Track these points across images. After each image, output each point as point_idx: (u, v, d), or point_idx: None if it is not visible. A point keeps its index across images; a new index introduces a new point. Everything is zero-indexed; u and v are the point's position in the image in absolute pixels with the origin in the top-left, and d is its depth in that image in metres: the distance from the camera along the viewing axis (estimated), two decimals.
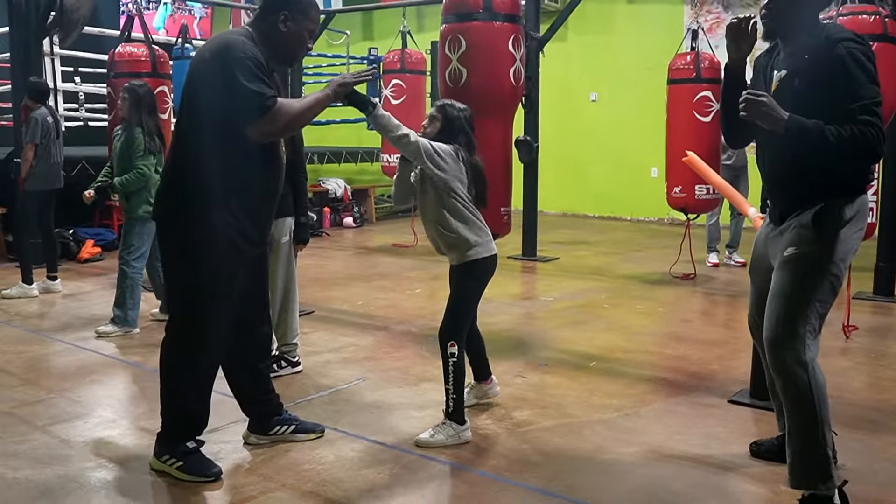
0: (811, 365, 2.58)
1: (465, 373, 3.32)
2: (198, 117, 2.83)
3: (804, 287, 2.60)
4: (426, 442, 3.25)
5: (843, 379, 4.16)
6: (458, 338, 3.27)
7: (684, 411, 3.70)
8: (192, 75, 2.87)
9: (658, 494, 2.86)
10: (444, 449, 3.22)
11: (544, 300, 6.25)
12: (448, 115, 3.28)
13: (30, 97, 6.15)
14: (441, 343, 3.28)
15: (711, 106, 6.45)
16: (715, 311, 6.03)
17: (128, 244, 5.07)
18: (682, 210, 6.73)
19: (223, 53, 2.77)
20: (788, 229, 2.68)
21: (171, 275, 3.00)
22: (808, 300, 2.59)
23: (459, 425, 3.29)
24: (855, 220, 2.62)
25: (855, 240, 2.65)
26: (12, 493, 2.83)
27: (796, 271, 2.62)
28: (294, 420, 3.33)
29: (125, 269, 5.05)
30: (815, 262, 2.60)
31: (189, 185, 2.85)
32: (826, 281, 2.60)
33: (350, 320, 5.48)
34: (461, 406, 3.31)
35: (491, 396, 3.71)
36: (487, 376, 3.70)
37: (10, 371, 4.27)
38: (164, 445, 2.98)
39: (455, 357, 3.25)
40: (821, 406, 2.57)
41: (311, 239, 9.45)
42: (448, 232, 3.26)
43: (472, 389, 3.67)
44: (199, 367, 2.97)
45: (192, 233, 2.86)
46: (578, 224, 11.21)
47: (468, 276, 3.32)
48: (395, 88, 8.65)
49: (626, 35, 11.40)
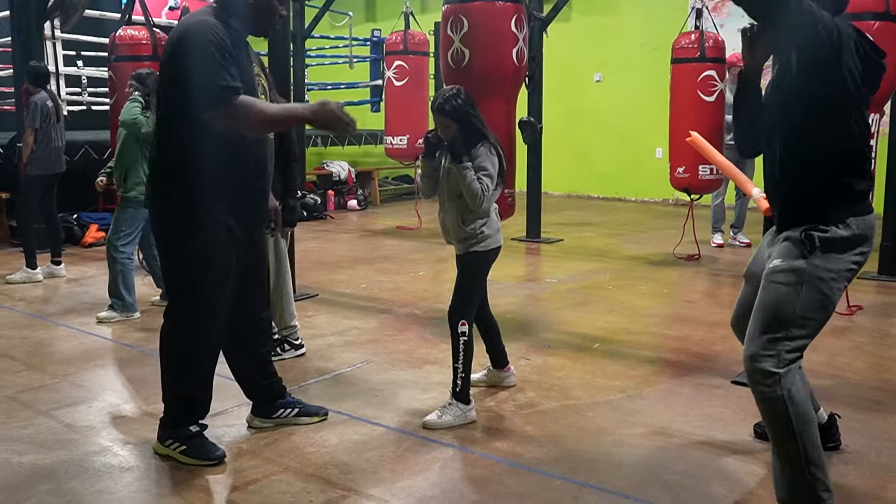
0: (785, 380, 2.40)
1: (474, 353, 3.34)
2: (177, 103, 2.78)
3: (784, 303, 2.43)
4: (434, 423, 3.26)
5: (846, 359, 4.15)
6: (468, 317, 3.30)
7: (687, 392, 3.70)
8: (164, 62, 2.83)
9: (661, 475, 2.86)
10: (447, 431, 3.23)
11: (548, 282, 6.24)
12: (453, 113, 3.24)
13: (30, 81, 6.13)
14: (451, 323, 3.30)
15: (715, 85, 6.42)
16: (719, 292, 6.01)
17: (117, 228, 5.01)
18: (685, 190, 6.70)
19: (185, 40, 2.73)
20: (780, 239, 2.54)
21: (167, 262, 3.00)
22: (791, 319, 2.42)
23: (465, 405, 3.31)
24: (851, 241, 2.45)
25: (850, 262, 2.47)
26: (17, 478, 2.84)
27: (779, 285, 2.45)
28: (297, 403, 3.34)
29: (114, 254, 4.98)
30: (798, 277, 2.43)
31: (176, 171, 2.83)
32: (811, 297, 2.42)
33: (354, 303, 5.48)
34: (468, 386, 3.33)
35: (507, 385, 3.72)
36: (505, 364, 3.71)
37: (15, 356, 4.28)
38: (167, 430, 2.99)
39: (465, 336, 3.29)
40: (801, 428, 2.39)
41: (315, 222, 9.52)
42: (466, 226, 3.30)
43: (488, 374, 3.70)
44: (198, 353, 2.97)
45: (184, 219, 2.85)
46: (583, 205, 11.17)
47: (473, 262, 3.36)
48: (397, 70, 8.60)
49: (630, 14, 11.30)
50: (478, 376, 3.68)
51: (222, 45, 2.70)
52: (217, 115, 2.70)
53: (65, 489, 2.76)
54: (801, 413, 2.41)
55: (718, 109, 6.47)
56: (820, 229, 2.43)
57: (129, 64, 6.25)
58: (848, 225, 2.44)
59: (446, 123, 3.26)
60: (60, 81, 8.57)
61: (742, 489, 2.77)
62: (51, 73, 7.58)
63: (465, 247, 3.34)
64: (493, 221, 3.36)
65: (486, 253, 3.35)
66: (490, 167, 3.25)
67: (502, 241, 3.43)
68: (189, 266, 2.90)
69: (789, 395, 2.40)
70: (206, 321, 2.95)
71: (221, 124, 2.72)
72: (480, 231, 3.31)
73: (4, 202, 7.80)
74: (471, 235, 3.32)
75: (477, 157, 3.24)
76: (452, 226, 3.35)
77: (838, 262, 2.45)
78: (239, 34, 2.84)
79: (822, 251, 2.43)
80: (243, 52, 2.86)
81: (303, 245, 7.33)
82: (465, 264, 3.37)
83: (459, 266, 3.39)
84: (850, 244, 2.46)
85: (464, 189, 3.21)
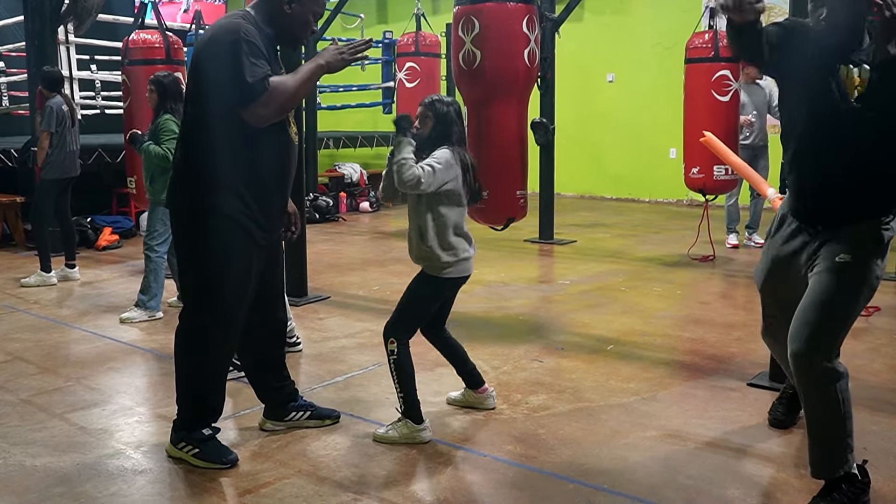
0: (839, 372, 2.50)
1: (412, 371, 3.17)
2: (202, 105, 2.80)
3: (848, 298, 2.50)
4: (380, 437, 3.16)
5: (863, 361, 4.11)
6: (399, 336, 3.14)
7: (702, 395, 3.67)
8: (193, 63, 2.85)
9: (675, 479, 2.83)
10: (459, 434, 3.21)
11: (561, 283, 6.21)
12: (439, 112, 3.18)
13: (44, 86, 6.16)
14: (384, 338, 3.17)
15: (730, 85, 6.37)
16: (734, 294, 5.97)
17: (151, 229, 5.14)
18: (699, 191, 6.66)
19: (218, 38, 2.75)
20: (837, 237, 2.55)
21: (185, 264, 2.99)
22: (850, 312, 2.51)
23: (416, 424, 3.16)
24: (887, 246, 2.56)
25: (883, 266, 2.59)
26: (31, 481, 2.85)
27: (843, 282, 2.49)
28: (310, 406, 3.33)
29: (149, 253, 5.11)
30: (863, 273, 2.50)
31: (199, 173, 2.83)
32: (867, 294, 2.52)
33: (366, 305, 5.47)
34: (414, 405, 3.17)
35: (487, 407, 3.49)
36: (479, 385, 3.49)
37: (29, 359, 4.30)
38: (180, 432, 2.99)
39: (395, 355, 3.12)
40: (844, 406, 2.51)
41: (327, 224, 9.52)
42: (423, 245, 3.14)
43: (464, 394, 3.53)
44: (213, 356, 2.97)
45: (205, 222, 2.84)
46: (596, 206, 11.13)
47: (427, 284, 3.20)
48: (409, 71, 8.60)
49: (643, 14, 11.25)
50: (455, 395, 3.55)
51: (252, 43, 2.72)
52: (253, 110, 2.72)
53: (78, 492, 2.76)
54: (846, 398, 2.52)
55: (733, 110, 6.42)
56: (887, 225, 2.52)
57: (142, 68, 6.30)
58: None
59: (426, 115, 3.18)
60: (74, 85, 8.63)
61: (758, 492, 2.74)
62: (65, 77, 7.62)
63: (428, 269, 3.17)
64: (460, 250, 3.14)
65: (441, 280, 3.15)
66: (438, 162, 3.03)
67: (469, 273, 3.20)
68: (208, 270, 2.89)
69: (839, 385, 2.50)
70: (223, 326, 2.94)
71: (258, 115, 2.74)
72: (439, 255, 3.10)
73: (19, 206, 7.85)
74: (429, 257, 3.13)
75: (433, 154, 3.09)
76: (414, 240, 3.17)
77: (883, 259, 2.56)
78: (270, 40, 2.85)
79: (881, 250, 2.53)
80: (274, 58, 2.86)
81: (315, 247, 7.33)
82: (418, 283, 3.19)
83: (413, 281, 3.21)
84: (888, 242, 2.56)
85: (393, 163, 3.01)
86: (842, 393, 2.50)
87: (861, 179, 2.53)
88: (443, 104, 3.20)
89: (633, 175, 11.50)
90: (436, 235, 3.12)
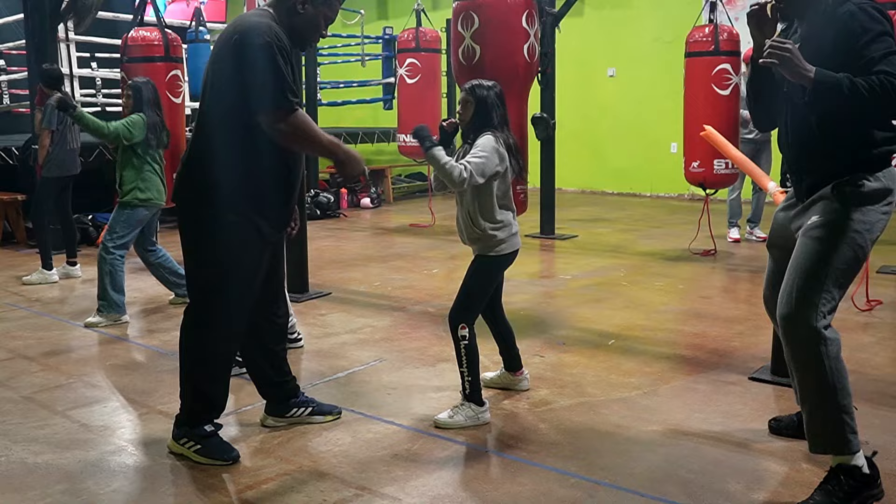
0: (824, 335, 2.50)
1: (479, 354, 3.30)
2: (220, 100, 2.78)
3: (822, 256, 2.53)
4: (445, 423, 3.24)
5: (865, 354, 4.10)
6: (468, 320, 3.25)
7: (704, 389, 3.67)
8: (216, 56, 2.82)
9: (677, 473, 2.83)
10: (461, 430, 3.22)
11: (562, 278, 6.21)
12: (479, 96, 3.24)
13: (44, 84, 6.15)
14: (451, 326, 3.26)
15: (730, 79, 6.36)
16: (736, 288, 5.96)
17: (111, 230, 4.96)
18: (700, 185, 6.65)
19: (249, 36, 2.70)
20: (813, 203, 2.63)
21: (192, 261, 2.96)
22: (826, 270, 2.52)
23: (479, 406, 3.28)
24: (879, 194, 2.54)
25: (881, 213, 2.57)
26: (33, 478, 2.85)
27: (817, 240, 2.55)
28: (311, 402, 3.33)
29: (103, 254, 4.91)
30: (835, 231, 2.53)
31: (210, 169, 2.81)
32: (846, 249, 2.52)
33: (367, 301, 5.47)
34: (478, 388, 3.29)
35: (520, 389, 3.64)
36: (518, 368, 3.64)
37: (31, 356, 4.31)
38: (182, 428, 2.99)
39: (466, 340, 3.23)
40: (833, 374, 2.50)
41: (328, 220, 9.52)
42: (475, 227, 3.26)
43: (500, 375, 3.66)
44: (218, 353, 2.97)
45: (215, 219, 2.83)
46: (597, 201, 11.12)
47: (485, 266, 3.32)
48: (409, 67, 8.58)
49: (643, 8, 11.23)
50: (491, 375, 3.65)
51: (285, 52, 2.70)
52: (274, 119, 2.69)
53: (80, 489, 2.77)
54: (836, 367, 2.50)
55: (733, 103, 6.41)
56: (851, 183, 2.53)
57: (141, 65, 6.28)
58: (877, 178, 2.53)
59: (467, 100, 3.26)
60: (75, 83, 8.61)
61: (759, 486, 2.74)
62: (65, 75, 7.61)
63: (479, 249, 3.31)
64: (508, 225, 3.29)
65: (497, 258, 3.29)
66: (483, 151, 3.14)
67: (519, 246, 3.35)
68: (216, 267, 2.87)
69: (826, 350, 2.50)
70: (229, 323, 2.94)
71: (275, 126, 2.71)
72: (492, 234, 3.26)
73: (20, 204, 7.85)
74: (481, 237, 3.27)
75: (476, 144, 3.19)
76: (464, 224, 3.32)
77: (870, 213, 2.54)
78: (288, 41, 2.82)
79: (855, 204, 2.53)
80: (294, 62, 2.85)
81: (316, 243, 7.34)
82: (476, 267, 3.33)
83: (470, 268, 3.35)
84: (879, 195, 2.54)
85: (438, 172, 3.13)
86: (830, 360, 2.49)
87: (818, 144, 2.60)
88: (483, 88, 3.26)
89: (634, 169, 11.49)
90: (486, 215, 3.24)
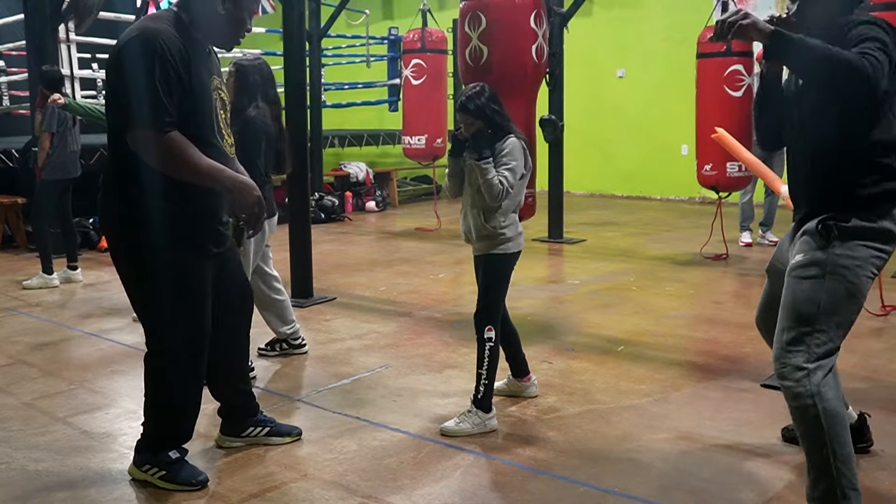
0: (818, 383, 2.33)
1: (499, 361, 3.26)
2: (118, 117, 2.62)
3: (809, 296, 2.39)
4: (451, 430, 3.19)
5: (879, 361, 4.04)
6: (494, 322, 3.23)
7: (715, 396, 3.60)
8: (106, 71, 2.66)
9: (687, 481, 2.77)
10: (468, 437, 3.16)
11: (571, 283, 6.15)
12: (482, 113, 3.17)
13: (44, 85, 6.13)
14: (477, 328, 3.24)
15: (742, 80, 6.29)
16: (748, 293, 5.88)
17: None
18: (712, 188, 6.58)
19: (129, 45, 2.54)
20: (802, 236, 2.51)
21: (137, 297, 2.76)
22: (815, 311, 2.37)
23: (486, 413, 3.23)
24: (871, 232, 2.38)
25: (874, 251, 2.40)
26: (34, 486, 2.81)
27: (803, 281, 2.42)
28: (270, 422, 3.17)
29: None
30: (819, 269, 2.39)
31: (130, 187, 2.63)
32: (836, 287, 2.37)
33: (372, 306, 5.42)
34: (490, 393, 3.25)
35: (528, 395, 3.60)
36: (524, 373, 3.60)
37: (31, 362, 4.27)
38: (144, 454, 2.83)
39: (492, 342, 3.22)
40: (829, 426, 2.31)
41: (333, 224, 9.47)
42: (486, 225, 3.22)
43: (508, 383, 3.61)
44: (180, 389, 2.81)
45: (146, 239, 2.63)
46: (606, 204, 11.05)
47: (495, 265, 3.28)
48: (415, 68, 8.53)
49: (653, 8, 11.16)
50: (498, 384, 3.57)
51: (168, 64, 2.52)
52: (141, 139, 2.51)
53: (81, 497, 2.73)
54: (830, 411, 2.33)
55: (746, 105, 6.32)
56: (837, 219, 2.40)
57: None
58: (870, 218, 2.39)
59: (470, 122, 3.20)
60: (75, 84, 8.58)
61: (771, 495, 2.68)
62: (65, 76, 7.58)
63: (486, 248, 3.26)
64: (515, 224, 3.28)
65: (506, 256, 3.27)
66: (513, 162, 3.16)
67: (523, 245, 3.34)
68: (164, 299, 2.69)
69: (818, 392, 2.33)
70: (191, 354, 2.78)
71: (138, 145, 2.52)
72: (502, 232, 3.23)
73: (20, 207, 7.82)
74: (492, 235, 3.23)
75: (503, 151, 3.16)
76: (474, 223, 3.27)
77: (859, 249, 2.39)
78: (200, 45, 2.68)
79: (841, 240, 2.39)
80: (203, 64, 2.68)
81: (321, 247, 7.29)
82: (487, 267, 3.29)
83: (482, 269, 3.30)
84: (871, 234, 2.40)
85: (482, 184, 3.13)
86: (823, 402, 2.31)
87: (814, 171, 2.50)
88: (476, 101, 3.19)
89: (644, 172, 11.41)
90: (499, 217, 3.22)
